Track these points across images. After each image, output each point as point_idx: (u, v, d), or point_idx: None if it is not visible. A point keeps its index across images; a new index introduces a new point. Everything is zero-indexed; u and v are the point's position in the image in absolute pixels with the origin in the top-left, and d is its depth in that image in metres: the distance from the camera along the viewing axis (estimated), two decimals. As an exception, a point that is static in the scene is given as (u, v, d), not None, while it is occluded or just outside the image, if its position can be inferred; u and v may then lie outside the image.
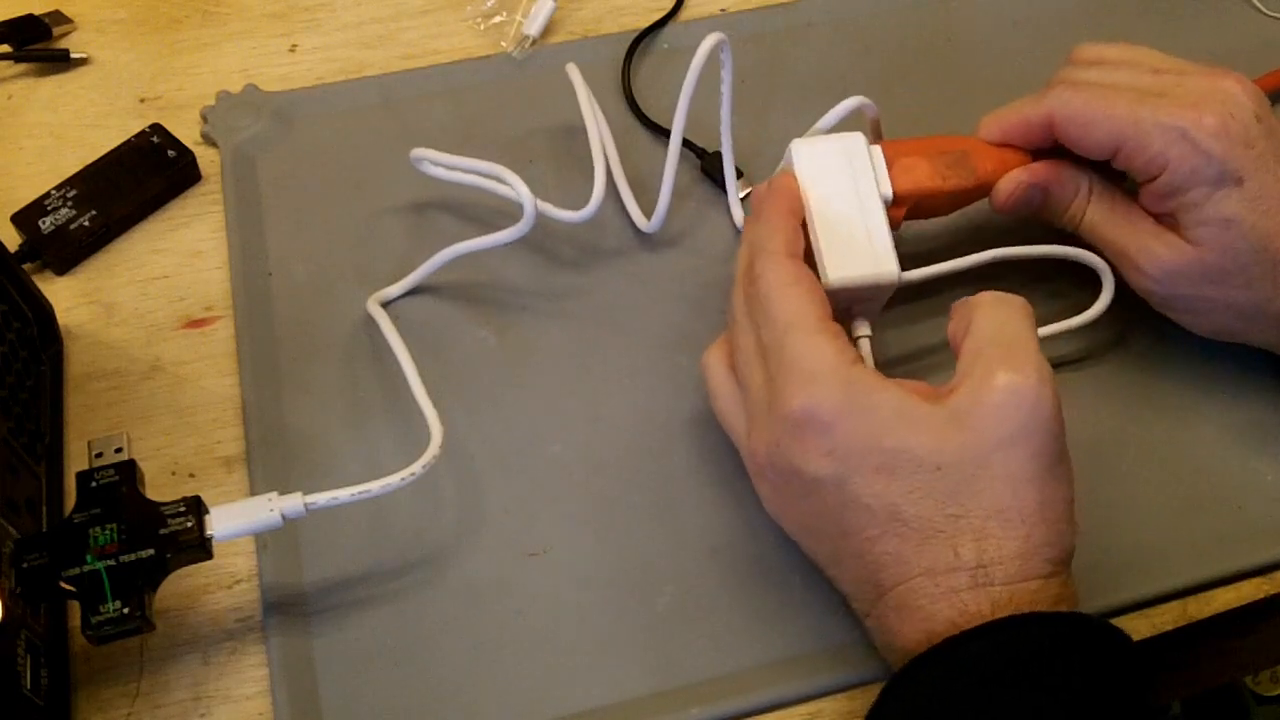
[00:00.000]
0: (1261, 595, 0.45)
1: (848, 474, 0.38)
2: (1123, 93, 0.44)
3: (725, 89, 0.51)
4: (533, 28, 0.61)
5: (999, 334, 0.39)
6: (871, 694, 0.42)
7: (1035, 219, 0.48)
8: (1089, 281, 0.48)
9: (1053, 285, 0.51)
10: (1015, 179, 0.46)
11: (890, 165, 0.45)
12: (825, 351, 0.38)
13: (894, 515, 0.37)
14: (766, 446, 0.40)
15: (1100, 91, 0.44)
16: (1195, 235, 0.44)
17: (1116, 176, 0.47)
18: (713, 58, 0.48)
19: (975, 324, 0.39)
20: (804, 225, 0.44)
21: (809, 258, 0.43)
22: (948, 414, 0.37)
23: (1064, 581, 0.38)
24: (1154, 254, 0.45)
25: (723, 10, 0.63)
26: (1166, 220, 0.45)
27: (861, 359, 0.39)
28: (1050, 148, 0.47)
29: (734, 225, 0.54)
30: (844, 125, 0.48)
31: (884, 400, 0.37)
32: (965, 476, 0.37)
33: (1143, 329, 0.51)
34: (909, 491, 0.37)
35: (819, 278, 0.42)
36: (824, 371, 0.38)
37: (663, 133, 0.57)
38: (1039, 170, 0.46)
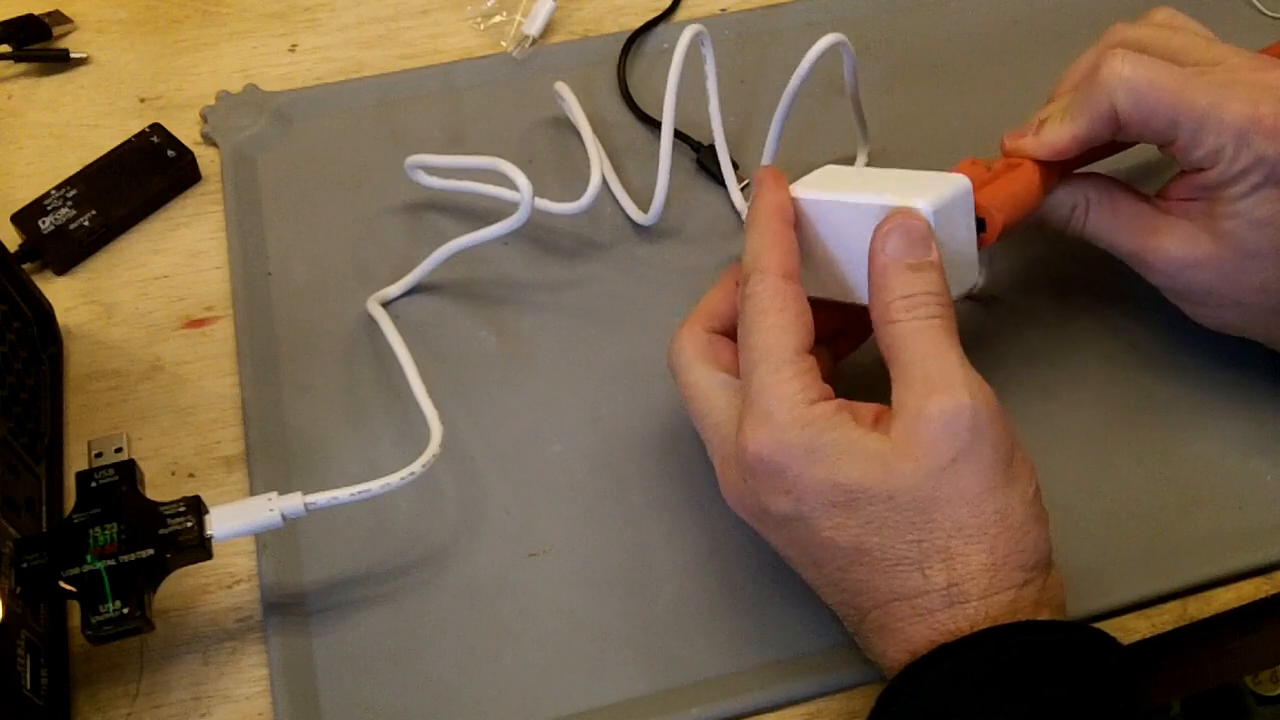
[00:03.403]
0: (1261, 595, 0.45)
1: (808, 512, 0.38)
2: (1183, 75, 0.42)
3: (710, 81, 0.51)
4: (533, 28, 0.61)
5: (921, 365, 0.38)
6: (871, 694, 0.42)
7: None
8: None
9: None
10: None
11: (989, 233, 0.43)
12: (786, 390, 0.38)
13: (857, 547, 0.38)
14: (735, 484, 0.41)
15: (1161, 71, 0.42)
16: (1222, 228, 0.43)
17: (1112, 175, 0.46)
18: (713, 53, 0.49)
19: (897, 358, 0.39)
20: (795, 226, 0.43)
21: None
22: (891, 445, 0.37)
23: (1041, 586, 0.38)
24: (1165, 252, 0.44)
25: (723, 10, 0.63)
26: (1192, 206, 0.44)
27: (824, 394, 0.39)
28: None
29: (735, 215, 0.54)
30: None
31: (835, 438, 0.38)
32: (918, 502, 0.37)
33: (1143, 329, 0.51)
34: (867, 523, 0.37)
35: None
36: (780, 412, 0.38)
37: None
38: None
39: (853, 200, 0.41)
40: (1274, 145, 0.41)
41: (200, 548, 0.40)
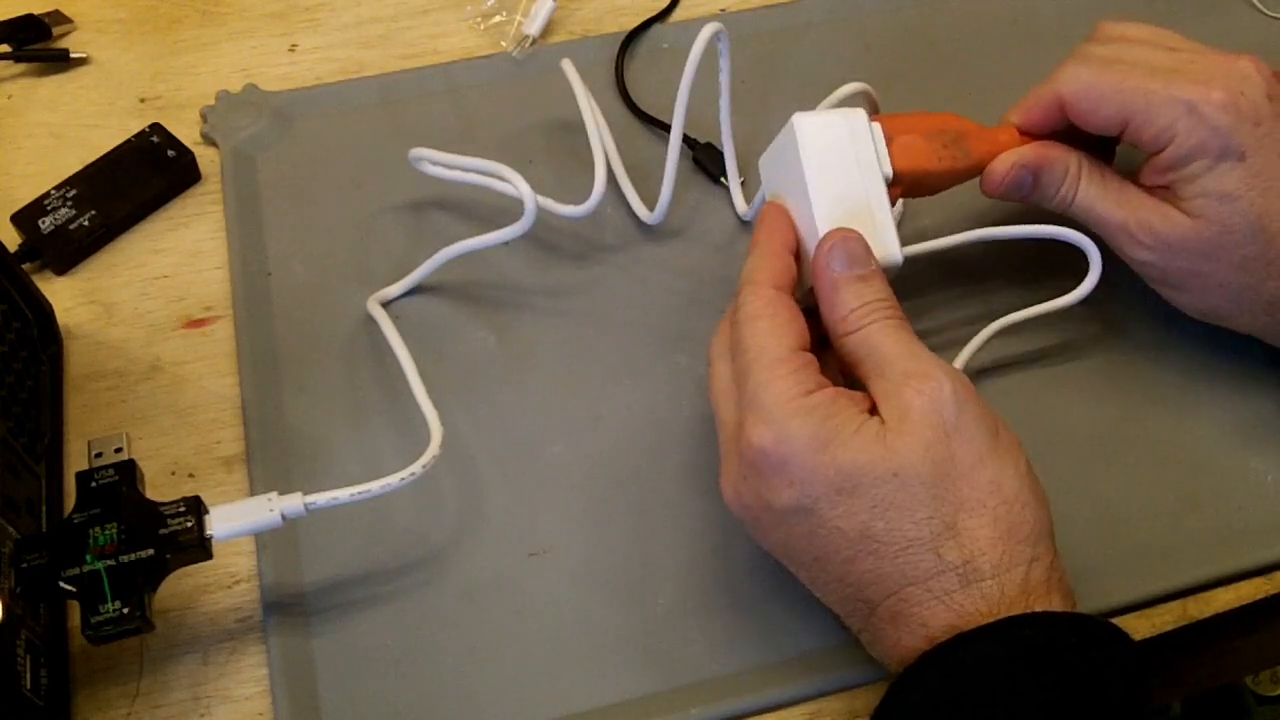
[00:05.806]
0: (1261, 595, 0.45)
1: (812, 502, 0.38)
2: (1133, 68, 0.44)
3: (723, 77, 0.51)
4: (533, 27, 0.61)
5: (894, 360, 0.39)
6: (872, 694, 0.42)
7: (1027, 202, 0.48)
8: (1080, 271, 0.47)
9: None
10: (1005, 162, 0.46)
11: (889, 142, 0.45)
12: (783, 386, 0.39)
13: (865, 534, 0.38)
14: (734, 483, 0.41)
15: (1110, 66, 0.44)
16: (1192, 207, 0.44)
17: (1106, 156, 0.47)
18: (712, 52, 0.49)
19: (866, 359, 0.40)
20: (796, 253, 0.43)
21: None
22: (885, 426, 0.38)
23: (1049, 564, 0.38)
24: (1151, 227, 0.45)
25: (723, 10, 0.63)
26: (1164, 192, 0.45)
27: (821, 386, 0.39)
28: (1061, 130, 0.47)
29: (735, 215, 0.55)
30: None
31: (837, 424, 0.38)
32: (922, 477, 0.37)
33: (1142, 328, 0.51)
34: (873, 506, 0.37)
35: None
36: (780, 406, 0.38)
37: (660, 126, 0.57)
38: (1028, 153, 0.46)
39: (808, 171, 0.43)
40: (1226, 116, 0.42)
41: (200, 548, 0.40)
